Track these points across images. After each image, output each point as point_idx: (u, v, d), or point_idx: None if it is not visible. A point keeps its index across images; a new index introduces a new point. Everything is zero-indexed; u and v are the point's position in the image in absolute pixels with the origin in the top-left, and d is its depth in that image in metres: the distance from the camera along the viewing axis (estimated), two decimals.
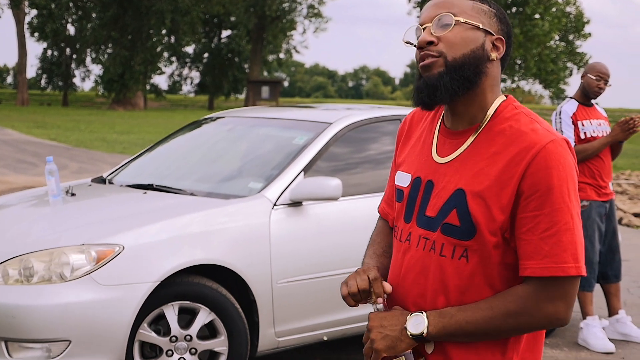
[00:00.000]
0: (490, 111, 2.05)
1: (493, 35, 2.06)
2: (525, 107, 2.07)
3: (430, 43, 2.02)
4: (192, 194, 5.18)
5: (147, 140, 26.87)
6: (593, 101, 6.52)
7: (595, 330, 6.22)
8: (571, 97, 6.55)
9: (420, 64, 2.04)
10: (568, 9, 67.27)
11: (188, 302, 4.65)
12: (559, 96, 79.81)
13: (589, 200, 6.29)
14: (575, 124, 6.34)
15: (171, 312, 4.61)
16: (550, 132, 1.98)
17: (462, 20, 2.02)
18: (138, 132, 31.42)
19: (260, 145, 5.82)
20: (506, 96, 2.09)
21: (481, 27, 2.04)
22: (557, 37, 66.26)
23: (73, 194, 5.35)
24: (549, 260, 1.90)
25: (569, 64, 68.78)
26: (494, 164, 1.98)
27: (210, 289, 4.69)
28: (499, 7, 2.12)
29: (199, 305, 4.67)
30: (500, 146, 1.99)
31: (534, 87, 72.68)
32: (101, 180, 5.92)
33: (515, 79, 66.52)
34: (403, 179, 2.19)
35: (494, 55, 2.05)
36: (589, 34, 69.25)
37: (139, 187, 5.45)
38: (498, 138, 2.01)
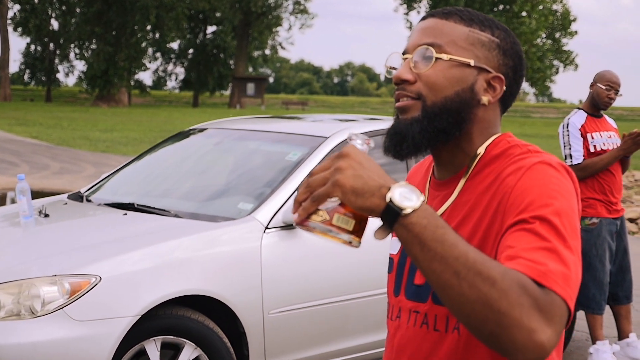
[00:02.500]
0: (480, 150, 1.70)
1: (490, 72, 1.69)
2: (523, 141, 1.71)
3: (406, 82, 1.68)
4: (176, 216, 4.77)
5: (130, 138, 26.49)
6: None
7: (605, 356, 5.86)
8: (579, 108, 6.17)
9: (396, 104, 1.70)
10: (555, 7, 67.37)
11: (171, 336, 4.24)
12: (543, 93, 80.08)
13: (599, 217, 5.92)
14: (584, 136, 5.97)
15: (153, 348, 4.20)
16: (542, 155, 1.62)
17: (445, 58, 1.66)
18: (122, 129, 31.01)
19: (251, 160, 5.42)
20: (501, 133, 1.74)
21: (472, 64, 1.67)
22: (543, 35, 66.37)
23: (46, 215, 4.93)
24: (531, 262, 1.41)
25: (556, 62, 68.90)
26: (478, 206, 1.63)
27: (195, 322, 4.29)
28: (508, 33, 1.73)
29: (184, 339, 4.27)
30: (486, 185, 1.64)
31: None
32: (78, 197, 5.50)
33: None
34: (394, 246, 1.84)
35: (485, 98, 1.68)
36: (576, 32, 69.42)
37: (119, 207, 5.03)
38: (486, 180, 1.66)
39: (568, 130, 6.01)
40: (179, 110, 54.76)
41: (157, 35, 63.02)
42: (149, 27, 59.93)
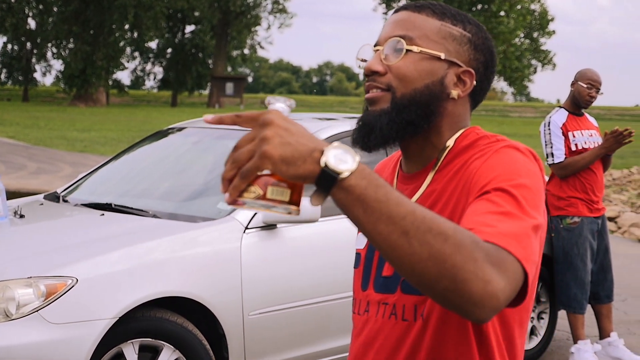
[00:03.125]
0: (449, 143, 1.70)
1: (460, 66, 1.69)
2: (491, 133, 1.70)
3: (376, 73, 1.68)
4: (154, 216, 4.69)
5: (108, 138, 26.31)
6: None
7: (587, 356, 5.83)
8: (560, 107, 6.15)
9: (366, 95, 1.70)
10: (533, 7, 67.65)
11: (150, 339, 4.17)
12: (521, 93, 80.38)
13: (581, 216, 5.89)
14: (565, 135, 5.94)
15: (131, 351, 4.13)
16: (510, 141, 1.63)
17: (415, 50, 1.66)
18: (99, 129, 30.81)
19: None
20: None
21: (443, 57, 1.67)
22: (522, 35, 66.61)
23: (22, 216, 4.84)
24: (482, 225, 1.41)
25: (534, 61, 69.17)
26: (445, 192, 1.65)
27: (174, 324, 4.22)
28: (480, 29, 1.73)
29: (162, 342, 4.20)
30: (453, 173, 1.65)
31: (498, 84, 73.11)
32: (54, 198, 5.40)
33: None
34: (360, 240, 1.84)
35: (455, 92, 1.68)
36: (553, 32, 69.76)
37: (96, 207, 4.94)
38: (453, 170, 1.67)
39: (549, 129, 5.98)
40: (157, 109, 54.53)
41: (135, 34, 62.71)
42: (127, 27, 59.58)
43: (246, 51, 75.21)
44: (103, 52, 56.43)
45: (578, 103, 6.03)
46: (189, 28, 73.18)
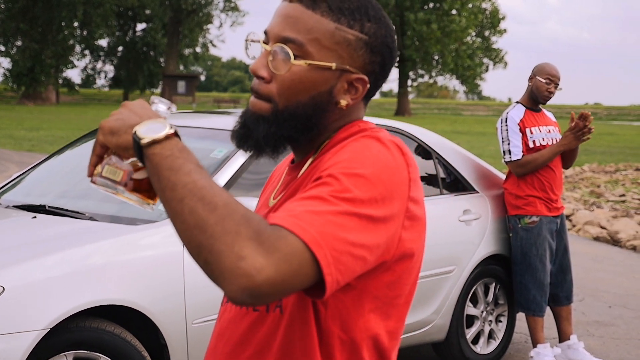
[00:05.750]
0: (330, 135, 1.62)
1: (353, 73, 1.56)
2: (376, 126, 1.60)
3: (262, 78, 1.58)
4: (91, 218, 4.39)
5: (57, 137, 25.80)
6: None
7: None
8: (517, 102, 5.95)
9: (251, 97, 1.63)
10: (484, 5, 68.08)
11: (85, 351, 3.87)
12: (473, 91, 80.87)
13: (539, 215, 5.71)
14: (523, 131, 5.75)
15: None
16: (379, 132, 1.53)
17: (303, 64, 1.53)
18: (48, 128, 30.27)
19: None
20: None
21: (334, 67, 1.54)
22: (473, 33, 66.99)
23: None
24: (282, 211, 1.38)
25: (485, 60, 69.58)
26: (303, 183, 1.58)
27: (111, 335, 3.92)
28: (380, 24, 1.58)
29: (98, 354, 3.90)
30: (316, 169, 1.55)
31: (451, 82, 73.49)
32: None
33: (433, 74, 67.27)
34: None
35: (344, 101, 1.57)
36: (505, 30, 70.24)
37: (29, 209, 4.62)
38: (319, 161, 1.57)
39: (506, 125, 5.79)
40: (108, 108, 53.84)
41: (85, 32, 61.89)
42: (76, 24, 58.81)
43: (198, 49, 74.73)
44: (52, 50, 55.62)
45: (536, 98, 5.85)
46: (140, 26, 72.54)
